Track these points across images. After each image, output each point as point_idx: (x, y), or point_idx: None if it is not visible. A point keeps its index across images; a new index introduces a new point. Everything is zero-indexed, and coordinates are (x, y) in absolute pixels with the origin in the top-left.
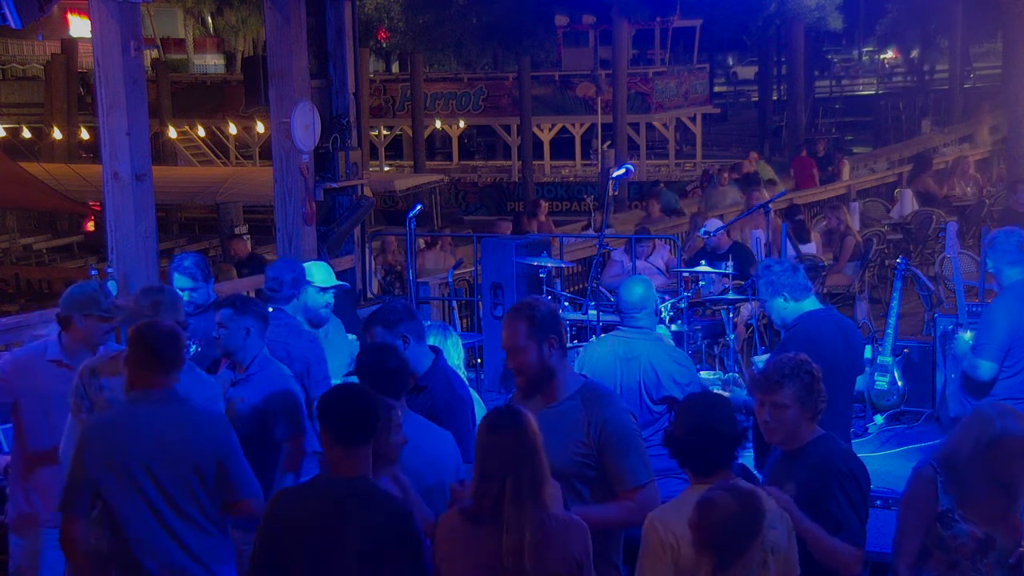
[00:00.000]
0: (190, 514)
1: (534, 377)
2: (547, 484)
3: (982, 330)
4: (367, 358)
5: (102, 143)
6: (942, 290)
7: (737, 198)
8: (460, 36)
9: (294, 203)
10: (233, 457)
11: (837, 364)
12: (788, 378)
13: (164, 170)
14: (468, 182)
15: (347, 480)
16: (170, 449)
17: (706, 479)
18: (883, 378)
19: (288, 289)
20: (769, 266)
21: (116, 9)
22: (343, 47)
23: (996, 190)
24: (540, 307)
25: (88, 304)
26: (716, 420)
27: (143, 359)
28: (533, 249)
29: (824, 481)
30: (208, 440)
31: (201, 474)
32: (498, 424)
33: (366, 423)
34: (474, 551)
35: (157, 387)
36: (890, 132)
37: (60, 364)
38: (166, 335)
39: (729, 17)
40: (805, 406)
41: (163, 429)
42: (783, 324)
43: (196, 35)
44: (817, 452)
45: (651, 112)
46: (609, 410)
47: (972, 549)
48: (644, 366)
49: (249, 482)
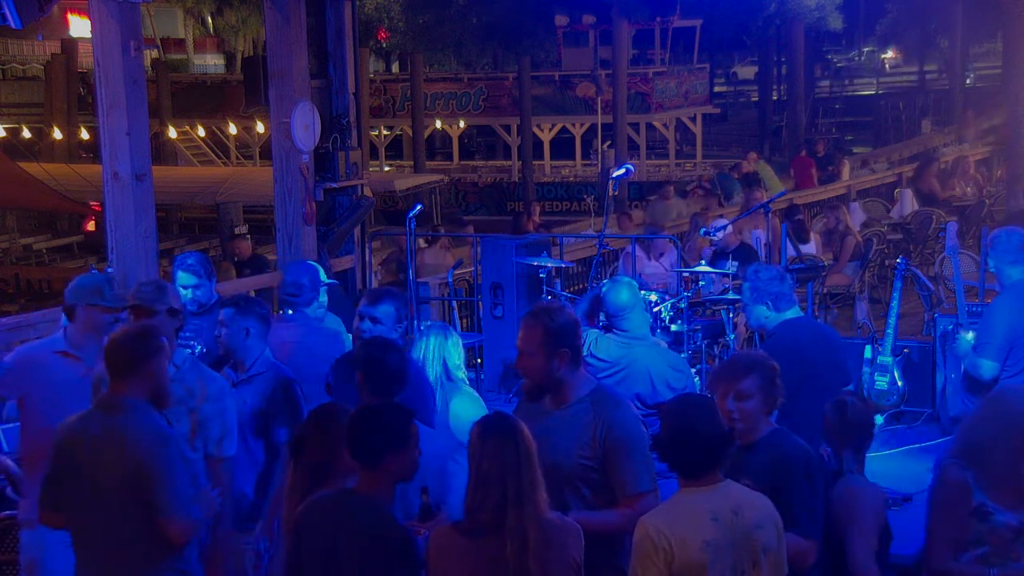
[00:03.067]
0: (130, 530)
1: (540, 384)
2: (542, 489)
3: (983, 329)
4: (366, 353)
5: (102, 143)
6: (942, 290)
7: (683, 211)
8: (460, 36)
9: (294, 203)
10: (158, 474)
11: (814, 372)
12: (752, 368)
13: (164, 170)
14: (468, 182)
15: (360, 497)
16: (111, 460)
17: (696, 482)
18: (883, 378)
19: (308, 292)
20: (757, 271)
21: (116, 9)
22: (343, 47)
23: (996, 190)
24: (560, 316)
25: (92, 294)
26: (701, 422)
27: (107, 364)
28: (533, 249)
29: (782, 475)
30: (139, 453)
31: (132, 488)
32: (493, 432)
33: (382, 447)
34: (472, 566)
35: (115, 393)
36: (890, 132)
37: (67, 355)
38: (125, 342)
39: (729, 17)
40: (766, 397)
41: (106, 439)
42: (759, 330)
43: (196, 35)
44: (773, 445)
45: (651, 112)
46: (617, 414)
47: (1009, 538)
48: (639, 370)
49: (174, 502)
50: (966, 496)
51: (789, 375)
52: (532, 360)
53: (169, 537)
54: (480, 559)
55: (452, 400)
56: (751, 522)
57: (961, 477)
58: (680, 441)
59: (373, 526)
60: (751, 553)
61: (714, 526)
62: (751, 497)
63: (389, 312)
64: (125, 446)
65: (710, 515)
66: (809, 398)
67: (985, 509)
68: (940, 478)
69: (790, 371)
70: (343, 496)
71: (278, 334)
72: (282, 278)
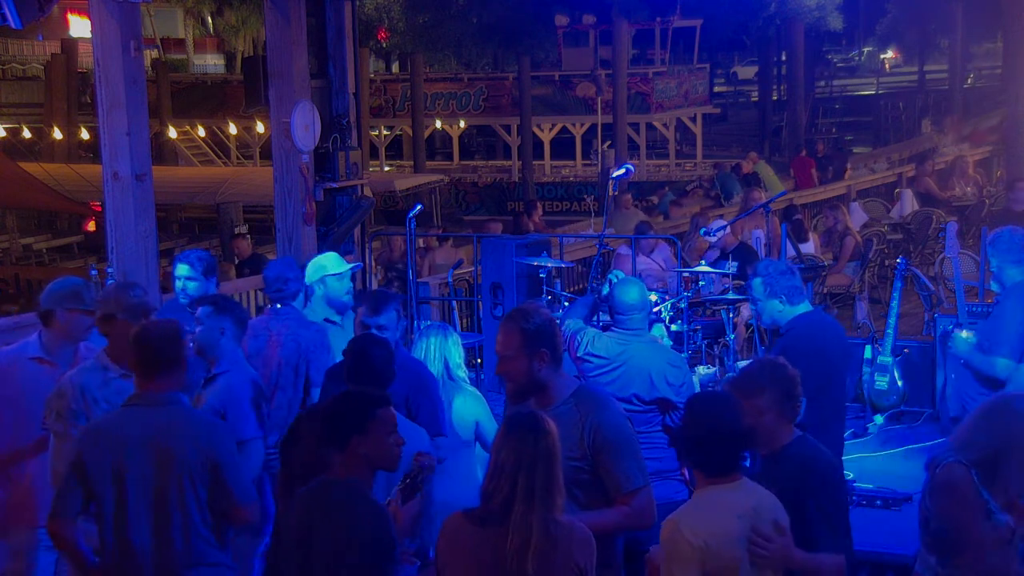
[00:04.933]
0: (181, 520)
1: (522, 386)
2: (559, 492)
3: (996, 329)
4: (351, 347)
5: (102, 143)
6: (942, 290)
7: (641, 218)
8: (460, 36)
9: (294, 203)
10: (228, 463)
11: (836, 366)
12: (767, 384)
13: (164, 170)
14: (468, 182)
15: (335, 481)
16: (161, 453)
17: (720, 480)
18: (883, 378)
19: (294, 284)
20: (766, 267)
21: (116, 9)
22: (343, 47)
23: (996, 190)
24: (535, 317)
25: (71, 298)
26: (727, 420)
27: (140, 359)
28: (533, 249)
29: (804, 487)
30: (202, 445)
31: (193, 479)
32: (516, 427)
33: (347, 430)
34: (478, 554)
35: (152, 389)
36: (890, 132)
37: (42, 361)
38: (165, 335)
39: (729, 17)
40: (783, 411)
41: (154, 433)
42: (773, 326)
43: (196, 35)
44: (796, 457)
45: (651, 112)
46: (604, 414)
47: (1007, 540)
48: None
49: (244, 489)
50: (978, 492)
51: (811, 369)
52: (512, 363)
53: (241, 520)
54: (486, 548)
55: (455, 399)
56: (767, 519)
57: (967, 473)
58: (707, 440)
59: (345, 505)
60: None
61: (739, 523)
62: (764, 494)
63: (391, 317)
64: (186, 439)
65: (736, 513)
66: (829, 390)
67: (988, 508)
68: (946, 478)
69: (811, 366)
70: (321, 483)
71: (271, 327)
72: (265, 275)
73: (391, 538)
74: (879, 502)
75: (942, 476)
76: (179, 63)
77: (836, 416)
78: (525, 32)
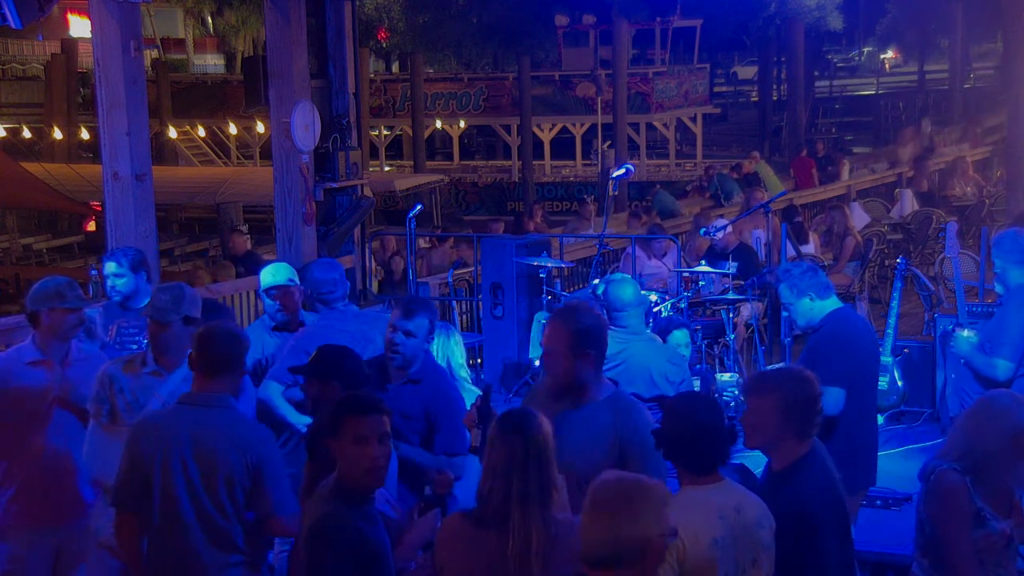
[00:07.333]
0: (216, 524)
1: (562, 384)
2: (555, 489)
3: (998, 330)
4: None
5: (102, 143)
6: (942, 290)
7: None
8: (460, 36)
9: (294, 203)
10: (270, 471)
11: (868, 361)
12: (776, 386)
13: (164, 170)
14: (468, 182)
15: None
16: (204, 454)
17: (701, 479)
18: (883, 378)
19: (341, 287)
20: (789, 270)
21: (116, 9)
22: (343, 47)
23: (996, 190)
24: (585, 318)
25: (53, 298)
26: (708, 419)
27: (196, 360)
28: (533, 249)
29: (793, 521)
30: (245, 449)
31: (232, 484)
32: (505, 426)
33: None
34: (477, 555)
35: (208, 390)
36: (890, 132)
37: (38, 363)
38: (220, 338)
39: (729, 17)
40: (788, 420)
41: (199, 433)
42: (809, 325)
43: (196, 35)
44: (794, 484)
45: (651, 112)
46: (637, 421)
47: (1003, 545)
48: (638, 365)
49: (284, 499)
50: (971, 500)
51: (845, 366)
52: (557, 360)
53: (278, 531)
54: (485, 550)
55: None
56: (751, 520)
57: (959, 478)
58: (688, 439)
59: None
60: (752, 550)
61: (721, 523)
62: (749, 495)
63: (423, 325)
64: (231, 442)
65: (716, 512)
66: (866, 386)
67: (983, 515)
68: (937, 480)
69: (843, 359)
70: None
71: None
72: (310, 277)
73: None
74: (879, 502)
75: (935, 484)
76: (179, 63)
77: (867, 413)
78: (525, 32)
